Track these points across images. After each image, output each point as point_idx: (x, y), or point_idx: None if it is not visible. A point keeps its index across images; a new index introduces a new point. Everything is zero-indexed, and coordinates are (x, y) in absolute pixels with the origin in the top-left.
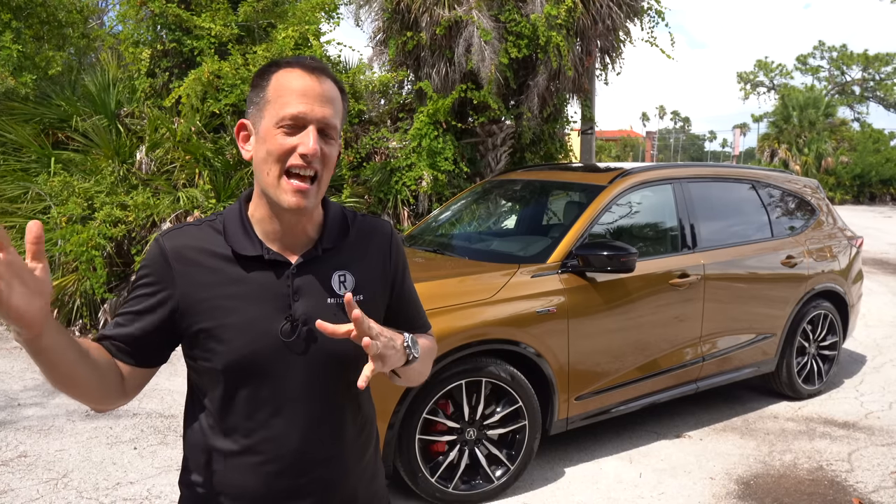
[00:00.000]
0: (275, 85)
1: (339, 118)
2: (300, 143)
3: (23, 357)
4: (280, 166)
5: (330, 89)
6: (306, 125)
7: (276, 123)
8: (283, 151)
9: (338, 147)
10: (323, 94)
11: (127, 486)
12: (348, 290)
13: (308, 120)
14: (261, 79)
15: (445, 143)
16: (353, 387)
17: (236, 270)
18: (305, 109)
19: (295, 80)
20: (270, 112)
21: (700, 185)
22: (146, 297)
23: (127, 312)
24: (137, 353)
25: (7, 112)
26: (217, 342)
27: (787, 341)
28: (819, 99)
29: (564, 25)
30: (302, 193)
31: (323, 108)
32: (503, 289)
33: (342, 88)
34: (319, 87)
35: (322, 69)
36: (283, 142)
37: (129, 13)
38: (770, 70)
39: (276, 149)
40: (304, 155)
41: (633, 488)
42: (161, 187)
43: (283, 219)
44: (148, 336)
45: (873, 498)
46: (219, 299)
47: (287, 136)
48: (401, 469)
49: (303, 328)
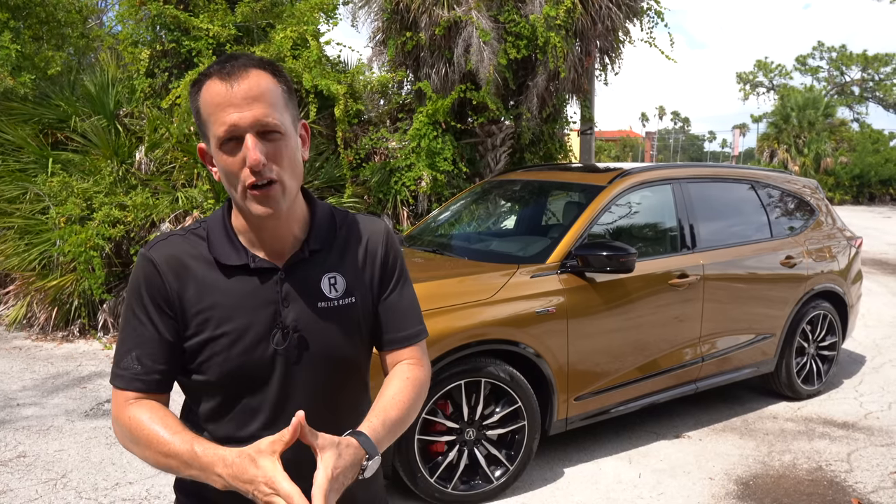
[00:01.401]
0: (203, 103)
1: (276, 109)
2: (245, 157)
3: (21, 357)
4: (239, 184)
5: (253, 85)
6: (242, 135)
7: (217, 146)
8: (234, 172)
9: (291, 139)
10: (246, 95)
11: (126, 487)
12: (339, 292)
13: (241, 129)
14: (193, 99)
15: (444, 144)
16: (348, 389)
17: (223, 280)
18: (233, 120)
19: (214, 92)
20: (211, 135)
21: (699, 185)
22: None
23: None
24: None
25: (6, 112)
26: (209, 354)
27: (786, 342)
28: (818, 99)
29: (563, 26)
30: (267, 199)
31: (250, 109)
32: (502, 289)
33: (275, 70)
34: (238, 88)
35: (241, 65)
36: (229, 162)
37: (128, 13)
38: (769, 70)
39: (227, 170)
40: (251, 168)
41: (633, 488)
42: (160, 187)
43: (265, 225)
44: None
45: (872, 498)
46: (208, 311)
47: (230, 154)
48: (400, 469)
49: (294, 335)
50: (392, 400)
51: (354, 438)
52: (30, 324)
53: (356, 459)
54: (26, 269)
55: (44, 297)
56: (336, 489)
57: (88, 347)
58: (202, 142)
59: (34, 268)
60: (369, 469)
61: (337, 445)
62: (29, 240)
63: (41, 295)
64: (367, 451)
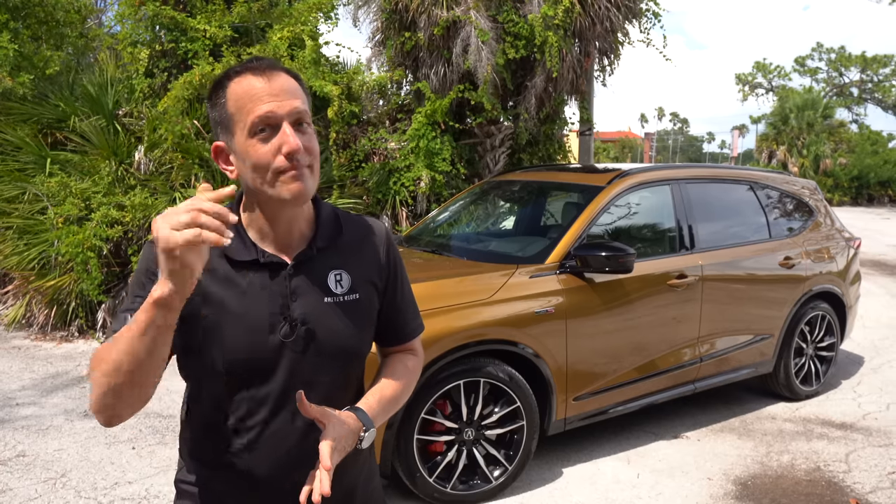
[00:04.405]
0: (232, 98)
1: (306, 104)
2: (281, 144)
3: (21, 357)
4: (269, 171)
5: (286, 82)
6: (279, 123)
7: (250, 133)
8: (266, 159)
9: (314, 134)
10: (282, 88)
11: (125, 486)
12: (345, 288)
13: (279, 116)
14: (216, 96)
15: (443, 144)
16: (352, 383)
17: (232, 273)
18: (272, 107)
19: (248, 85)
20: (239, 125)
21: (698, 186)
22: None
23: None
24: None
25: (4, 112)
26: (216, 345)
27: (784, 342)
28: (817, 100)
29: (562, 26)
30: (301, 177)
31: (288, 100)
32: (501, 289)
33: (297, 77)
34: (276, 83)
35: (271, 65)
36: (263, 150)
37: (127, 13)
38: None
39: (259, 159)
40: (288, 154)
41: (631, 489)
42: (158, 188)
43: (280, 218)
44: None
45: (870, 499)
46: (216, 302)
47: (264, 142)
48: (399, 469)
49: (301, 328)
50: (387, 382)
51: (353, 413)
52: (29, 323)
53: (355, 429)
54: (25, 268)
55: (42, 297)
56: (338, 451)
57: (87, 347)
58: (220, 140)
59: (33, 267)
60: (366, 440)
61: (338, 416)
62: (28, 240)
63: (40, 295)
64: (363, 423)
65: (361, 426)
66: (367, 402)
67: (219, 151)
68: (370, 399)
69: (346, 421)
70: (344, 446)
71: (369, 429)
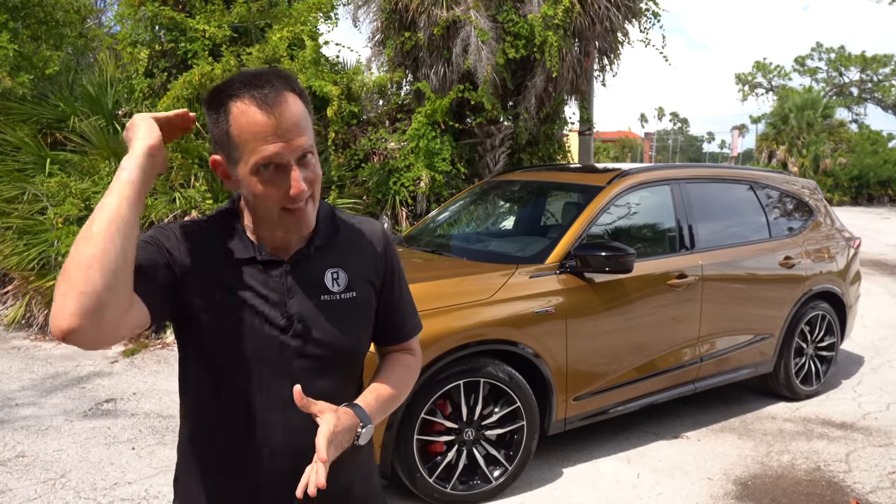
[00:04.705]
0: (235, 126)
1: (309, 132)
2: (289, 188)
3: (20, 357)
4: (275, 207)
5: (293, 110)
6: (282, 163)
7: (251, 171)
8: (273, 198)
9: (318, 160)
10: (290, 122)
11: (125, 486)
12: (341, 287)
13: (286, 159)
14: (215, 112)
15: (443, 144)
16: (350, 382)
17: (231, 270)
18: (278, 149)
19: (253, 120)
20: (243, 158)
21: (698, 185)
22: (152, 252)
23: None
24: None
25: (4, 112)
26: (214, 342)
27: (784, 342)
28: (817, 100)
29: (562, 26)
30: (305, 217)
31: (294, 139)
32: (501, 289)
33: (300, 91)
34: (284, 117)
35: (276, 91)
36: (269, 190)
37: (126, 13)
38: (768, 71)
39: (263, 195)
40: (296, 197)
41: (631, 489)
42: (157, 188)
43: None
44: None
45: (871, 499)
46: (215, 298)
47: (268, 181)
48: (399, 469)
49: (298, 325)
50: (385, 380)
51: (350, 409)
52: (28, 324)
53: (352, 424)
54: (25, 269)
55: (42, 297)
56: (335, 445)
57: None
58: (218, 154)
59: (33, 268)
60: (363, 436)
61: (335, 411)
62: (28, 240)
63: (40, 295)
64: (361, 419)
65: (359, 422)
66: (364, 400)
67: (217, 165)
68: (368, 396)
69: (344, 416)
70: (341, 441)
71: (367, 425)
